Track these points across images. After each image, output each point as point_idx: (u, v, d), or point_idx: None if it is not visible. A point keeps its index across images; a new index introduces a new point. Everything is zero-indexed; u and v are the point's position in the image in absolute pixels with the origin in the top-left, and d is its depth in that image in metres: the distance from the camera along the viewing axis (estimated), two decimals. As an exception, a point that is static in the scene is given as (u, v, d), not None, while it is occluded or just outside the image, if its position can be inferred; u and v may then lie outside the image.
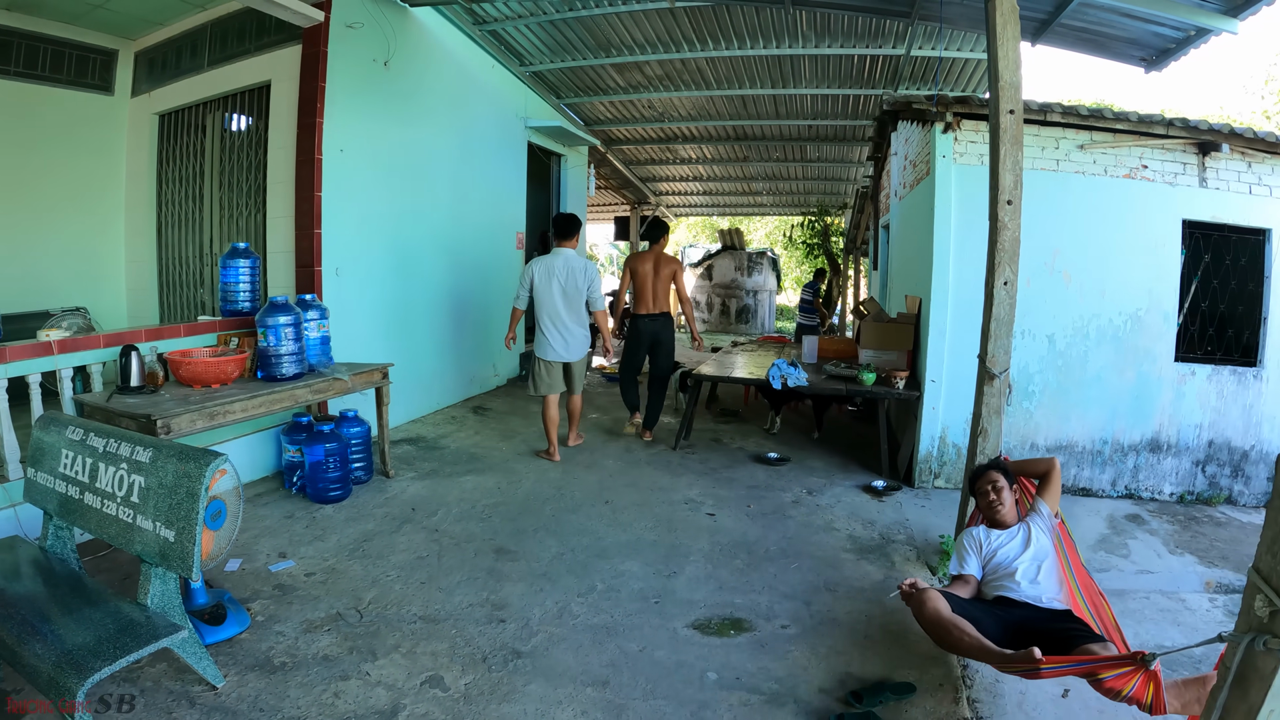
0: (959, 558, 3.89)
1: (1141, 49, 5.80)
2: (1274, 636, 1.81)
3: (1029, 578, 3.58)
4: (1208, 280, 6.56)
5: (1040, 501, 3.98)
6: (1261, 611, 1.86)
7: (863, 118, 12.28)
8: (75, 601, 2.96)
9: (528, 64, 10.44)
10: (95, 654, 2.54)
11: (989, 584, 3.70)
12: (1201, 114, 18.61)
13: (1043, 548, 3.70)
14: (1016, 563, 3.65)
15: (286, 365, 5.14)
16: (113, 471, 3.20)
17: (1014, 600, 3.52)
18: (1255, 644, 1.85)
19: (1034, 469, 4.20)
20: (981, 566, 3.79)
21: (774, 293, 21.77)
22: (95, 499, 3.24)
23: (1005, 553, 3.73)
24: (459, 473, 6.38)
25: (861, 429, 8.67)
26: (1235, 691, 1.94)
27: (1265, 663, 1.84)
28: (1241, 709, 1.91)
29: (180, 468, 3.01)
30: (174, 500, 2.97)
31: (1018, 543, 3.75)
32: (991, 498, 3.93)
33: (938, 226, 6.43)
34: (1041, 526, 3.81)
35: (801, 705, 3.26)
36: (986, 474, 4.05)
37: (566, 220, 6.90)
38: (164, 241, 7.66)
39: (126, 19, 7.22)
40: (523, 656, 3.56)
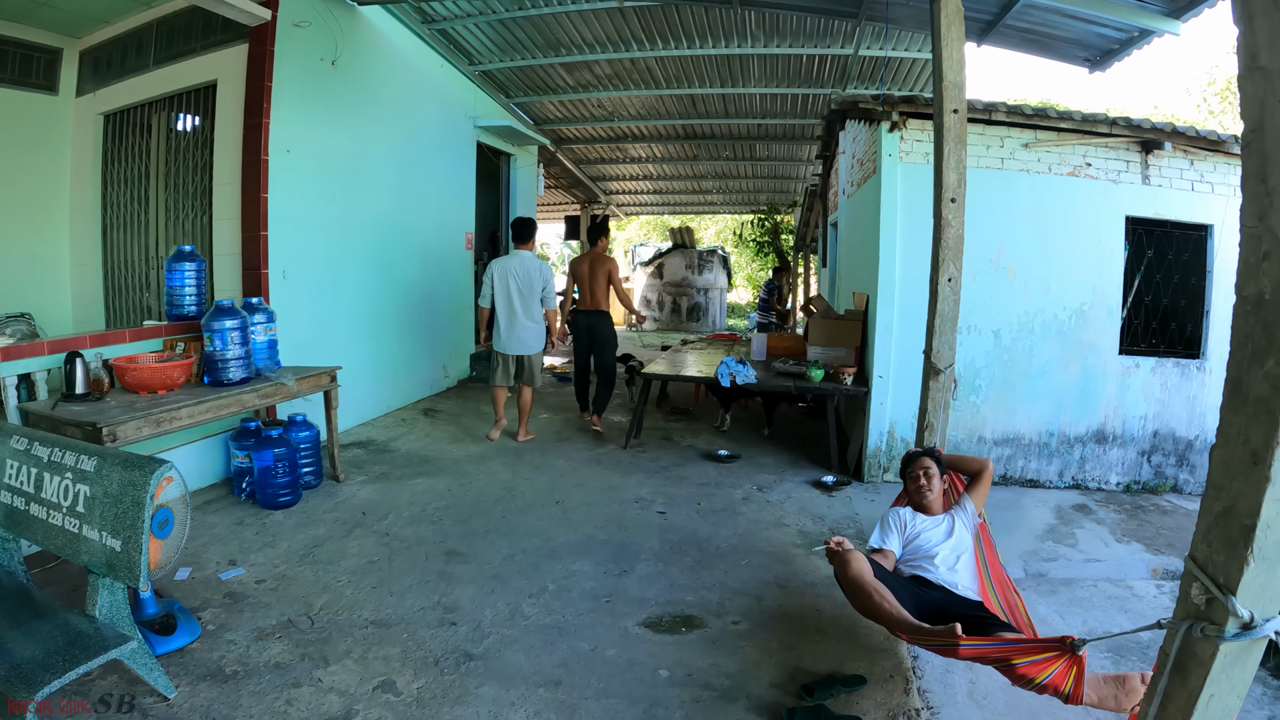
0: (881, 532, 3.98)
1: (1085, 49, 5.95)
2: (1211, 623, 1.87)
3: (948, 565, 3.68)
4: (1151, 275, 6.77)
5: (967, 499, 4.08)
6: (1199, 599, 1.93)
7: (812, 117, 12.42)
8: (23, 614, 2.94)
9: (477, 63, 10.42)
10: (44, 667, 2.53)
11: (906, 563, 3.81)
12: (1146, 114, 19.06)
13: (963, 541, 3.82)
14: (937, 549, 3.76)
15: (233, 370, 5.09)
16: (58, 481, 3.17)
17: (930, 582, 3.62)
18: (1193, 631, 1.92)
19: (967, 466, 4.31)
20: (902, 545, 3.89)
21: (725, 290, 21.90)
22: (41, 509, 3.21)
23: (927, 537, 3.84)
24: (409, 475, 6.37)
25: (811, 425, 8.78)
26: (1175, 678, 2.00)
27: (1204, 649, 1.90)
28: (1182, 695, 1.98)
29: (125, 476, 2.99)
30: (119, 509, 2.95)
31: (941, 530, 3.86)
32: (921, 483, 4.04)
33: (884, 224, 6.54)
34: (965, 522, 3.92)
35: (753, 700, 3.31)
36: (919, 459, 4.16)
37: (523, 224, 7.61)
38: (110, 245, 7.51)
39: (71, 17, 7.07)
40: (475, 659, 3.58)
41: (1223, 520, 1.90)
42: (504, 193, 12.53)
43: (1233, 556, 1.85)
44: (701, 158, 16.11)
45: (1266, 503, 1.78)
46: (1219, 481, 1.93)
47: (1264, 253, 1.82)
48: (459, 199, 10.30)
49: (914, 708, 3.29)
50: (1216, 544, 1.91)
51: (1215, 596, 1.87)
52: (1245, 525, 1.82)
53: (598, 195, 18.84)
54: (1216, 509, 1.93)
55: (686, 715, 3.20)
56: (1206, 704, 1.94)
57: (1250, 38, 1.85)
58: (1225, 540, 1.88)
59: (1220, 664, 1.89)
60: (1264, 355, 1.81)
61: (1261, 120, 1.83)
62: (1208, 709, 1.94)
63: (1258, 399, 1.82)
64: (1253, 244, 1.86)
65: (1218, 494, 1.93)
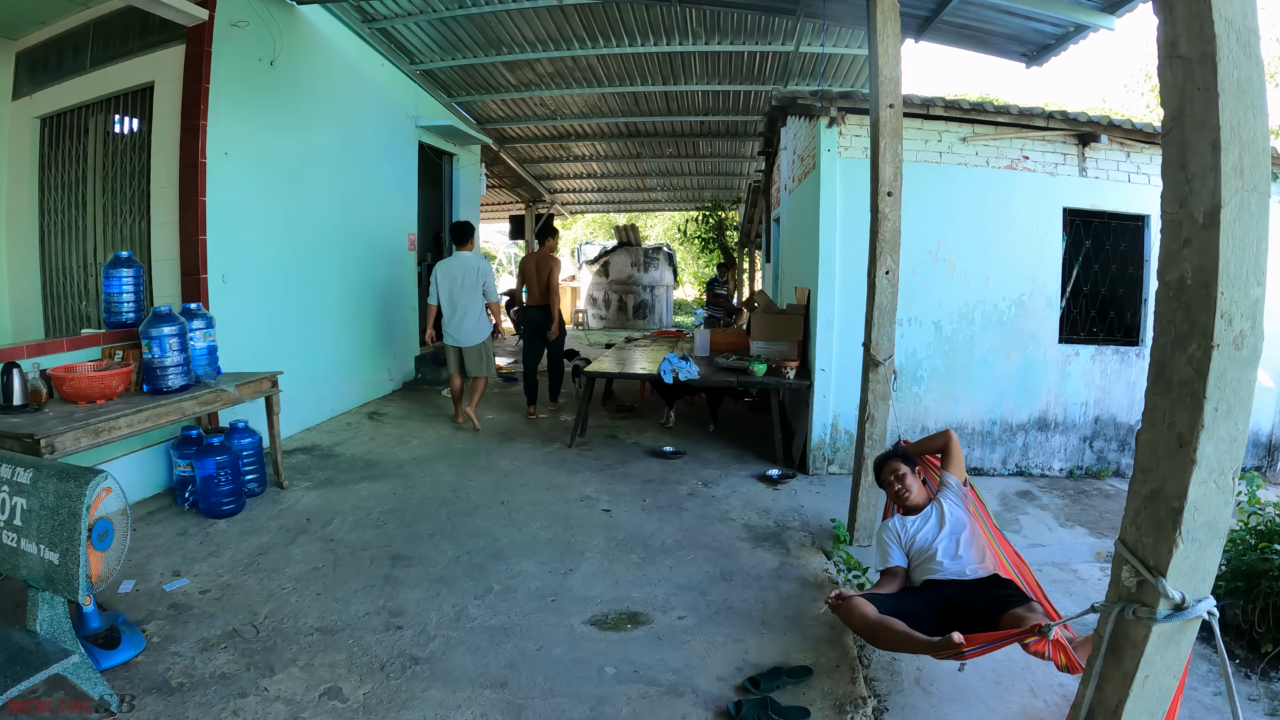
0: (882, 554, 4.03)
1: (1022, 45, 6.08)
2: (1143, 605, 1.96)
3: (949, 554, 3.75)
4: (1089, 265, 6.98)
5: (947, 474, 4.16)
6: (1129, 581, 2.02)
7: (754, 113, 12.54)
8: (-39, 632, 2.91)
9: (418, 62, 10.37)
10: (-16, 684, 2.53)
11: (915, 569, 3.87)
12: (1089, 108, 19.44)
13: (958, 520, 3.88)
14: (936, 543, 3.82)
15: (172, 377, 5.04)
16: (-5, 496, 3.14)
17: (940, 581, 3.68)
18: (1125, 613, 2.01)
19: (932, 445, 4.38)
20: (905, 555, 3.95)
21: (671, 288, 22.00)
22: (-22, 525, 3.18)
23: (923, 536, 3.90)
24: (354, 480, 6.36)
25: (757, 420, 8.89)
26: (1110, 660, 2.09)
27: (1137, 631, 1.99)
28: (1117, 676, 2.06)
29: (61, 487, 2.97)
30: (56, 521, 2.93)
31: (932, 523, 3.92)
32: (897, 487, 4.08)
33: (824, 219, 6.66)
34: (953, 499, 3.99)
35: (700, 695, 3.37)
36: (888, 464, 4.20)
37: (460, 227, 8.31)
38: (47, 251, 7.34)
39: (6, 18, 6.91)
40: (420, 662, 3.61)
41: (1151, 503, 1.98)
42: (447, 193, 12.47)
43: (1162, 539, 1.94)
44: (645, 155, 16.18)
45: (1193, 485, 1.86)
46: (1146, 465, 2.02)
47: (1184, 238, 1.91)
48: (401, 199, 10.25)
49: (860, 696, 3.36)
50: (1145, 527, 1.99)
51: (1146, 579, 1.95)
52: (1173, 508, 1.91)
53: (542, 194, 18.80)
54: (1144, 492, 2.01)
55: (634, 712, 3.25)
56: (1142, 685, 2.01)
57: (1170, 27, 1.93)
58: (1154, 523, 1.97)
59: (1154, 645, 1.97)
60: (1186, 340, 1.89)
61: (1181, 108, 1.91)
62: (1144, 690, 2.02)
63: (1181, 383, 1.90)
64: (1173, 230, 1.95)
65: (1145, 477, 2.01)
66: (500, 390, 10.74)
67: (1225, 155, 1.81)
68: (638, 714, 3.24)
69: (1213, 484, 1.88)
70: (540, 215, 19.54)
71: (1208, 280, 1.83)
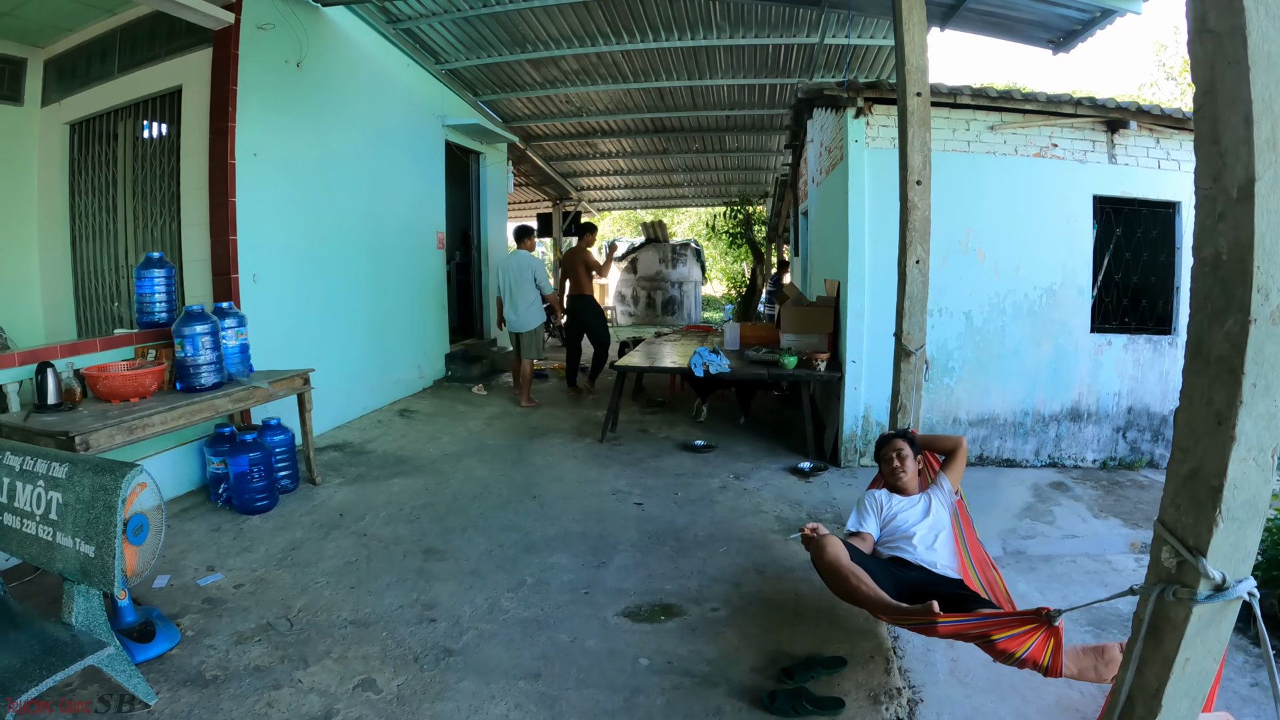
0: (858, 515, 4.01)
1: (1048, 31, 6.00)
2: (1183, 586, 1.91)
3: (926, 544, 3.72)
4: (1120, 253, 6.84)
5: (943, 477, 4.13)
6: (1169, 562, 1.96)
7: (779, 106, 12.42)
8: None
9: (443, 61, 10.38)
10: (21, 675, 2.54)
11: (885, 545, 3.84)
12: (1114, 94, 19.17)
13: (941, 520, 3.86)
14: (915, 528, 3.79)
15: (205, 375, 5.08)
16: (30, 490, 3.16)
17: (909, 562, 3.65)
18: (1166, 594, 1.95)
19: (941, 445, 4.35)
20: (880, 527, 3.92)
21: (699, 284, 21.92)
22: (15, 519, 3.20)
23: (904, 518, 3.87)
24: (386, 476, 6.38)
25: (788, 413, 8.83)
26: (1149, 642, 2.03)
27: (1177, 612, 1.93)
28: (1157, 659, 2.01)
29: (96, 481, 2.99)
30: (92, 514, 2.95)
31: (918, 510, 3.90)
32: (895, 464, 4.07)
33: (852, 210, 6.59)
34: (942, 500, 3.97)
35: (734, 685, 3.34)
36: (892, 442, 4.20)
37: (520, 229, 9.57)
38: (79, 254, 7.44)
39: (35, 26, 6.99)
40: (454, 654, 3.60)
41: (1190, 482, 1.93)
42: (474, 191, 12.50)
43: (1201, 518, 1.88)
44: (671, 151, 16.11)
45: (1232, 463, 1.81)
46: (1184, 444, 1.96)
47: (1219, 213, 1.85)
48: (429, 199, 10.28)
49: (895, 687, 3.33)
50: (1185, 506, 1.94)
51: (1186, 559, 1.90)
52: (1212, 486, 1.85)
53: (569, 192, 18.81)
54: (1183, 471, 1.95)
55: (668, 702, 3.23)
56: (1183, 668, 1.96)
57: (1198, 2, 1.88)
58: (1193, 502, 1.91)
59: (1194, 627, 1.92)
60: (1223, 315, 1.83)
61: (1212, 82, 1.85)
62: (1184, 673, 1.97)
63: (1219, 359, 1.84)
64: (1208, 205, 1.89)
65: (1184, 456, 1.96)
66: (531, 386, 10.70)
67: (1258, 128, 1.75)
68: (672, 704, 3.22)
69: (1252, 461, 1.82)
70: (568, 213, 19.57)
71: (1243, 255, 1.78)
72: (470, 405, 9.24)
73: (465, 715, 3.14)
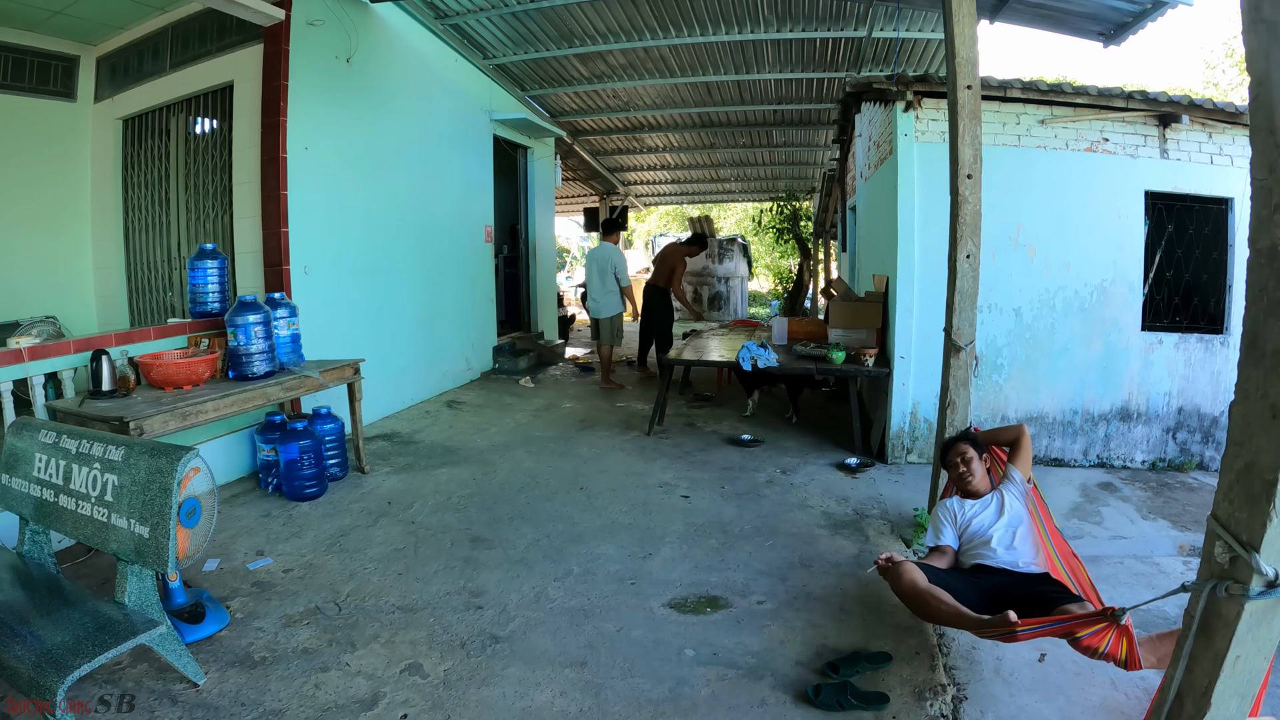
0: (935, 530, 3.95)
1: (1099, 23, 5.86)
2: (1235, 582, 1.86)
3: (1004, 544, 3.64)
4: (1171, 250, 6.67)
5: (1012, 468, 4.04)
6: (1222, 558, 1.91)
7: (827, 101, 12.31)
8: (53, 604, 2.98)
9: (491, 57, 10.43)
10: (74, 652, 2.57)
11: (965, 553, 3.77)
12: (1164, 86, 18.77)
13: (1016, 514, 3.78)
14: (991, 530, 3.72)
15: (257, 364, 5.15)
16: (86, 472, 3.22)
17: (991, 567, 3.58)
18: (1218, 590, 1.90)
19: (1003, 437, 4.26)
20: (958, 536, 3.85)
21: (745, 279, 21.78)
22: (70, 501, 3.26)
23: (980, 521, 3.80)
24: (434, 466, 6.41)
25: (835, 409, 8.75)
26: (1200, 639, 1.99)
27: (1228, 608, 1.88)
28: (1208, 656, 1.96)
29: (152, 464, 3.04)
30: (147, 496, 3.00)
31: (991, 511, 3.82)
32: (962, 469, 3.99)
33: (901, 204, 6.49)
34: (1015, 493, 3.89)
35: (778, 678, 3.31)
36: (955, 446, 4.11)
37: (608, 222, 10.81)
38: (131, 246, 7.61)
39: (87, 24, 7.14)
40: (501, 641, 3.61)
41: (1244, 477, 1.88)
42: (522, 185, 12.53)
43: (1255, 513, 1.83)
44: (718, 146, 16.02)
45: None
46: (1239, 438, 1.91)
47: (1275, 204, 1.80)
48: (477, 192, 10.33)
49: (940, 684, 3.28)
50: (1238, 501, 1.89)
51: (1239, 554, 1.85)
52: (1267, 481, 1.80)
53: (615, 186, 18.82)
54: (1237, 466, 1.90)
55: (712, 693, 3.21)
56: (1233, 666, 1.91)
57: None
58: (1247, 497, 1.86)
59: (1246, 624, 1.87)
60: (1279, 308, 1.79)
61: (1267, 72, 1.81)
62: (1234, 671, 1.92)
63: (1275, 351, 1.80)
64: (1264, 196, 1.84)
65: (1238, 450, 1.91)
66: (577, 379, 10.76)
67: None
68: (716, 696, 3.20)
69: (1309, 456, 1.77)
70: (614, 207, 19.56)
71: (1300, 246, 1.73)
72: (517, 397, 9.27)
73: (511, 701, 3.14)
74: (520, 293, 12.81)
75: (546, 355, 11.94)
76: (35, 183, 7.37)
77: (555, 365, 11.74)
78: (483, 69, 10.42)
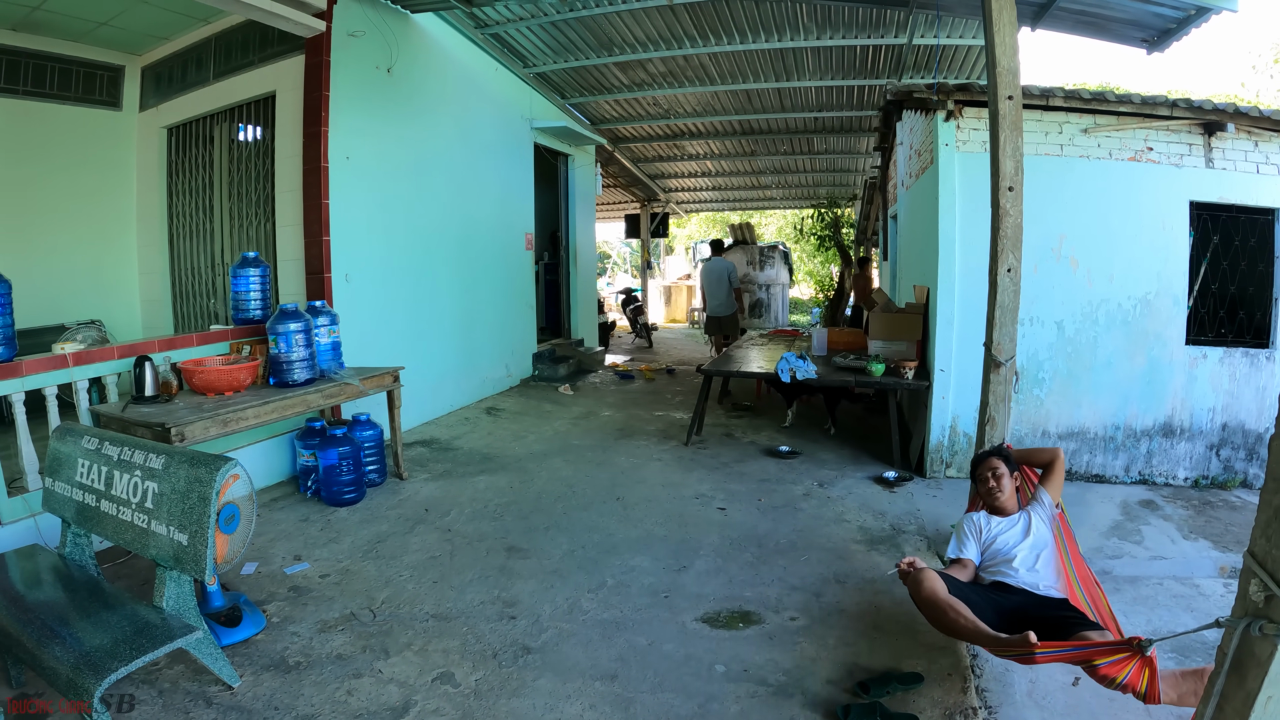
0: (958, 541, 3.89)
1: (1142, 30, 5.76)
2: (1270, 621, 1.80)
3: (1027, 565, 3.58)
4: (1217, 262, 6.51)
5: (1042, 491, 3.96)
6: (1257, 596, 1.85)
7: (868, 108, 12.23)
8: (93, 606, 3.03)
9: (531, 65, 10.49)
10: (112, 655, 2.61)
11: (987, 569, 3.71)
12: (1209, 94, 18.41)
13: (1042, 538, 3.70)
14: (1015, 550, 3.65)
15: (298, 371, 5.21)
16: (127, 479, 3.27)
17: (1011, 586, 3.52)
18: (1251, 629, 1.84)
19: (1038, 459, 4.18)
20: (980, 552, 3.79)
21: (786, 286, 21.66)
22: (111, 506, 3.32)
23: (1004, 539, 3.73)
24: (472, 473, 6.44)
25: (874, 421, 8.67)
26: (1232, 678, 1.93)
27: (1262, 648, 1.82)
28: (1239, 695, 1.90)
29: (192, 473, 3.08)
30: (186, 505, 3.04)
31: (1018, 530, 3.75)
32: (991, 485, 3.92)
33: (943, 215, 6.42)
34: (1042, 516, 3.81)
35: (809, 696, 3.28)
36: (987, 461, 4.04)
37: (716, 243, 12.55)
38: (176, 253, 7.75)
39: (131, 35, 7.31)
40: (533, 652, 3.61)
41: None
42: (563, 193, 12.60)
43: (1293, 552, 1.77)
44: (759, 153, 16.01)
45: None
46: (1278, 473, 1.85)
47: None
48: (518, 200, 10.39)
49: (971, 706, 3.22)
50: (1276, 539, 1.83)
51: (1274, 593, 1.80)
52: (1306, 519, 1.74)
53: (656, 193, 18.86)
54: (1276, 502, 1.85)
55: (742, 711, 3.18)
56: (1264, 705, 1.86)
57: None
58: (1286, 535, 1.80)
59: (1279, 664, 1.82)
60: None
61: None
62: (1265, 711, 1.87)
63: None
64: None
65: (1277, 486, 1.85)
66: (617, 386, 10.78)
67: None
68: (746, 713, 3.17)
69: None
70: (655, 214, 19.61)
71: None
72: (557, 405, 9.30)
73: (541, 713, 3.13)
74: (560, 300, 12.87)
75: (586, 362, 11.97)
76: (82, 189, 7.56)
77: (595, 372, 11.78)
78: (523, 77, 10.49)
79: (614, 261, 33.09)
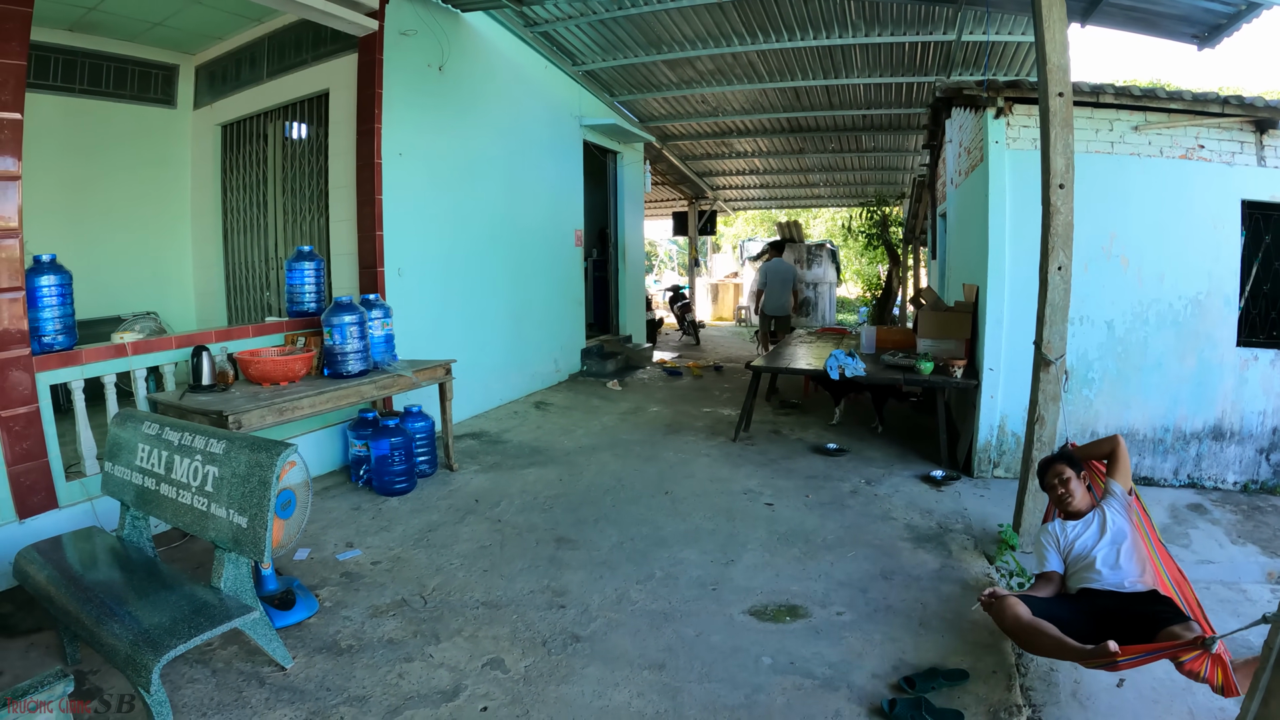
0: (1039, 557, 3.84)
1: (1192, 25, 5.65)
2: None
3: (1108, 564, 3.52)
4: (1269, 262, 6.34)
5: (1112, 482, 3.90)
6: None
7: (917, 105, 12.08)
8: (151, 586, 3.10)
9: (580, 63, 10.53)
10: (170, 633, 2.67)
11: (1071, 576, 3.66)
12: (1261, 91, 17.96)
13: (1119, 529, 3.64)
14: (1095, 551, 3.59)
15: (352, 363, 5.29)
16: (188, 463, 3.35)
17: (1097, 591, 3.47)
18: None
19: (1099, 450, 4.12)
20: (1063, 560, 3.74)
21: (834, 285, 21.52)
22: (171, 489, 3.39)
23: (1083, 542, 3.68)
24: (521, 466, 6.49)
25: (921, 420, 8.58)
26: (1277, 674, 1.91)
27: None
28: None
29: (253, 458, 3.14)
30: (247, 489, 3.10)
31: (1094, 529, 3.69)
32: (1060, 491, 3.86)
33: (992, 213, 6.34)
34: (1117, 508, 3.75)
35: (854, 690, 3.27)
36: (1053, 467, 3.98)
37: (777, 243, 12.93)
38: (230, 246, 7.92)
39: (185, 35, 7.48)
40: (581, 640, 3.63)
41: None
42: (611, 190, 12.64)
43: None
44: (807, 150, 15.89)
45: None
46: None
47: None
48: (567, 197, 10.46)
49: (1015, 704, 3.19)
50: None
51: None
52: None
53: (704, 191, 18.83)
54: None
55: (788, 702, 3.17)
56: None
57: None
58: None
59: None
60: None
61: None
62: None
63: None
64: None
65: None
66: (665, 383, 10.79)
67: None
68: (791, 705, 3.16)
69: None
70: (703, 212, 19.58)
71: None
72: (605, 400, 9.33)
73: (589, 700, 3.15)
74: (609, 296, 12.93)
75: (634, 358, 12.00)
76: (138, 185, 7.76)
77: (642, 369, 11.79)
78: (572, 75, 10.54)
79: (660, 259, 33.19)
